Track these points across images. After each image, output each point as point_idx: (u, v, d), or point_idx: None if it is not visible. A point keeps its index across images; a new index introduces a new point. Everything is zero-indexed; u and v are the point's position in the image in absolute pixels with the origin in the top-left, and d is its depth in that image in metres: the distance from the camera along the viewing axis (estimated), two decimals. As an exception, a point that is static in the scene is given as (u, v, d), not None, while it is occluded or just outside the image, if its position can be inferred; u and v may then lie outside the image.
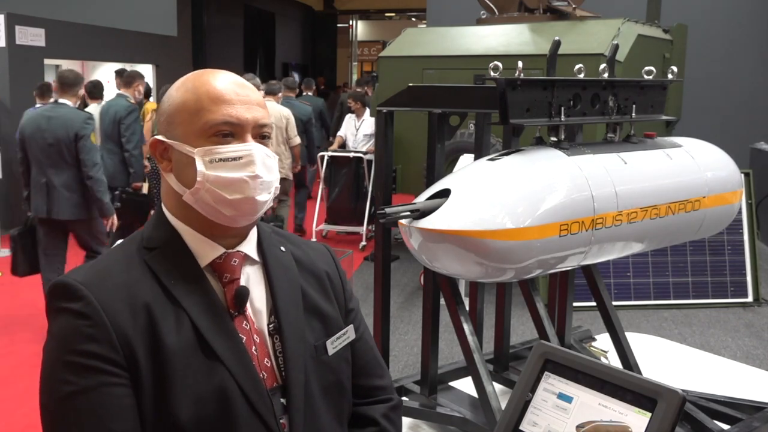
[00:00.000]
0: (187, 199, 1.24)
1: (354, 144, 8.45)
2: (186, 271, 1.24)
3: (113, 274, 1.20)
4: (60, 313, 1.17)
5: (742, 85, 10.40)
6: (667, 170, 2.40)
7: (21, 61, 8.57)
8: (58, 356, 1.15)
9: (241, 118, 1.23)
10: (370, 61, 25.26)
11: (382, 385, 1.46)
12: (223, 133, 1.22)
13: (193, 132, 1.22)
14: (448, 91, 2.42)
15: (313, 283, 1.39)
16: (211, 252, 1.26)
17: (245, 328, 1.26)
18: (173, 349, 1.17)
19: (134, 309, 1.17)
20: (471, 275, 2.12)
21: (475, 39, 6.78)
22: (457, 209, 1.96)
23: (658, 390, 1.22)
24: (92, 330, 1.14)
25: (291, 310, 1.31)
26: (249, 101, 1.25)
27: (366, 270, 6.84)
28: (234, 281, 1.27)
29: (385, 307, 2.59)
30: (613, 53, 2.51)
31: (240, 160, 1.22)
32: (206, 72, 1.28)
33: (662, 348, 3.43)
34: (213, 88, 1.24)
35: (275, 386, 1.26)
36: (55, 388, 1.14)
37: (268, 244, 1.36)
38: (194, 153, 1.22)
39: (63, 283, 1.18)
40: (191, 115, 1.23)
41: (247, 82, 1.30)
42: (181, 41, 13.64)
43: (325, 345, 1.33)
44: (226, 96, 1.23)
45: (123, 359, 1.14)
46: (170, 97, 1.27)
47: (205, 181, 1.21)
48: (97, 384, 1.13)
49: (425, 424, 2.54)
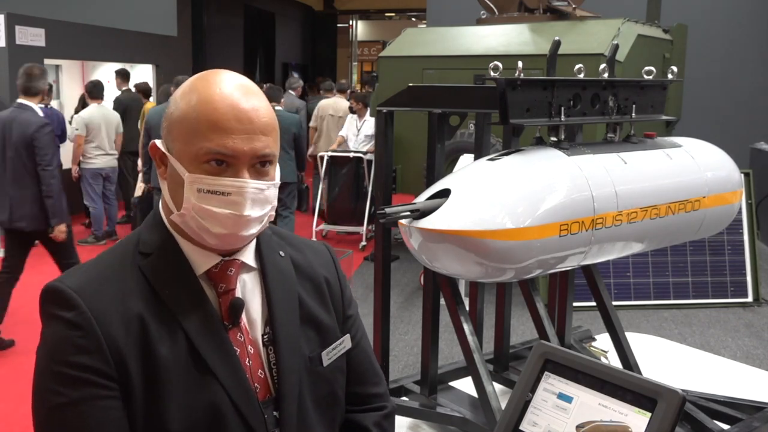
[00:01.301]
0: (174, 219, 1.22)
1: (355, 144, 8.45)
2: (181, 280, 1.21)
3: (107, 282, 1.18)
4: (52, 320, 1.15)
5: (742, 85, 10.40)
6: (667, 170, 2.40)
7: (21, 61, 8.51)
8: (49, 365, 1.13)
9: (237, 149, 1.15)
10: (370, 61, 25.25)
11: (377, 392, 1.44)
12: (217, 160, 1.16)
13: (187, 154, 1.17)
14: (448, 91, 2.42)
15: (311, 290, 1.36)
16: (207, 260, 1.23)
17: (239, 340, 1.24)
18: (166, 361, 1.15)
19: (127, 320, 1.15)
20: (471, 275, 2.12)
21: (475, 39, 6.78)
22: (457, 209, 1.96)
23: (658, 390, 1.22)
24: (84, 341, 1.12)
25: (287, 320, 1.28)
26: (251, 129, 1.17)
27: (366, 270, 6.84)
28: (229, 292, 1.24)
29: (385, 307, 2.59)
30: (613, 53, 2.51)
31: (229, 196, 1.16)
32: (214, 83, 1.19)
33: (662, 348, 3.43)
34: (213, 111, 1.16)
35: (268, 398, 1.24)
36: (46, 398, 1.13)
37: (268, 249, 1.32)
38: (185, 177, 1.17)
39: (56, 289, 1.16)
40: (188, 135, 1.17)
41: (259, 95, 1.21)
42: (181, 41, 13.64)
43: (320, 356, 1.31)
44: (226, 124, 1.15)
45: (114, 371, 1.12)
46: (174, 104, 1.21)
47: (191, 208, 1.17)
48: (88, 396, 1.11)
49: (425, 424, 2.54)
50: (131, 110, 8.77)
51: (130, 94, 9.13)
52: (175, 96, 1.23)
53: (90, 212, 7.92)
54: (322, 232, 8.43)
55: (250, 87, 1.21)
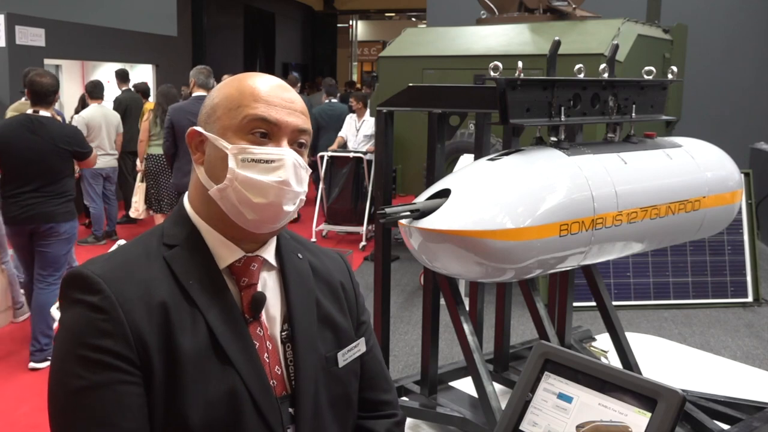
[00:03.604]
0: (212, 194, 1.23)
1: (354, 145, 8.46)
2: (204, 273, 1.23)
3: (132, 269, 1.19)
4: (75, 305, 1.15)
5: (742, 85, 10.40)
6: (667, 170, 2.40)
7: (21, 61, 8.56)
8: (71, 349, 1.13)
9: (280, 119, 1.23)
10: (370, 61, 25.27)
11: (388, 399, 1.46)
12: (260, 132, 1.22)
13: (231, 127, 1.22)
14: (448, 91, 2.42)
15: (328, 293, 1.38)
16: (231, 254, 1.25)
17: (259, 335, 1.25)
18: (187, 350, 1.16)
19: (151, 307, 1.16)
20: (471, 275, 2.12)
21: (475, 39, 6.78)
22: (457, 209, 1.96)
23: (658, 390, 1.22)
24: (107, 325, 1.12)
25: (305, 319, 1.30)
26: (292, 106, 1.25)
27: (366, 270, 6.83)
28: (251, 286, 1.26)
29: (385, 307, 2.59)
30: (613, 53, 2.51)
31: (272, 164, 1.21)
32: (255, 74, 1.29)
33: (662, 348, 3.43)
34: (258, 87, 1.24)
35: (284, 395, 1.25)
36: (66, 381, 1.13)
37: (287, 251, 1.35)
38: (228, 149, 1.21)
39: (81, 274, 1.16)
40: (231, 110, 1.23)
41: (294, 92, 1.30)
42: (181, 41, 13.64)
43: (336, 357, 1.33)
44: (269, 96, 1.24)
45: (136, 357, 1.13)
46: (215, 92, 1.28)
47: (234, 179, 1.20)
48: (109, 381, 1.11)
49: (425, 424, 2.54)
50: (132, 110, 8.77)
51: (131, 94, 9.13)
52: (213, 92, 1.29)
53: (90, 212, 7.91)
54: (322, 232, 8.43)
55: (286, 84, 1.30)
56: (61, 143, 4.55)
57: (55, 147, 4.52)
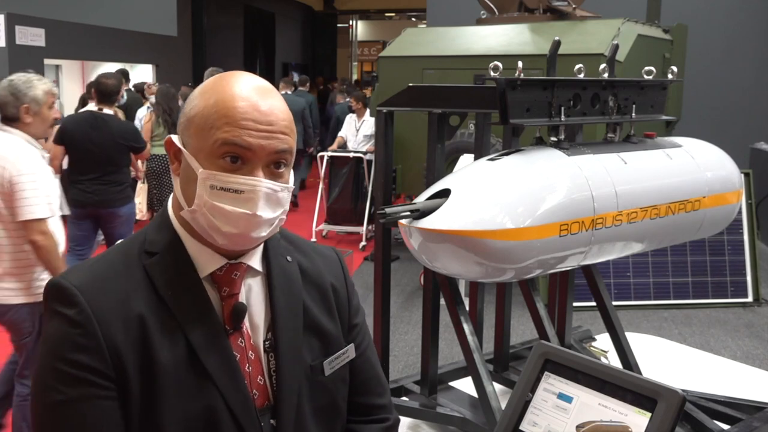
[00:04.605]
0: (184, 215, 1.20)
1: (354, 145, 8.46)
2: (184, 282, 1.20)
3: (111, 280, 1.17)
4: (54, 317, 1.15)
5: (742, 85, 10.39)
6: (667, 170, 2.40)
7: (21, 61, 8.56)
8: (49, 362, 1.13)
9: (254, 144, 1.14)
10: (370, 61, 25.25)
11: (381, 403, 1.42)
12: (232, 156, 1.15)
13: (202, 149, 1.16)
14: (448, 91, 2.42)
15: (317, 297, 1.34)
16: (212, 262, 1.22)
17: (240, 345, 1.22)
18: (165, 364, 1.14)
19: (128, 320, 1.14)
20: (471, 275, 2.12)
21: (475, 39, 6.77)
22: (457, 209, 1.96)
23: (658, 390, 1.22)
24: (83, 339, 1.11)
25: (289, 327, 1.26)
26: (269, 128, 1.16)
27: (366, 270, 6.83)
28: (233, 296, 1.22)
29: (385, 307, 2.59)
30: (613, 53, 2.51)
31: (242, 194, 1.15)
32: (233, 83, 1.19)
33: (662, 348, 3.43)
34: (232, 107, 1.15)
35: (266, 406, 1.23)
36: (45, 395, 1.13)
37: (275, 253, 1.30)
38: (198, 172, 1.16)
39: (59, 285, 1.15)
40: (204, 130, 1.16)
41: (277, 96, 1.21)
42: (181, 41, 13.65)
43: (322, 365, 1.29)
44: (246, 115, 1.15)
45: (112, 372, 1.12)
46: (194, 98, 1.21)
47: (202, 206, 1.16)
48: (85, 395, 1.11)
49: (425, 424, 2.54)
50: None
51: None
52: (193, 95, 1.22)
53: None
54: (322, 232, 8.43)
55: (269, 88, 1.21)
56: (119, 138, 5.06)
57: (114, 142, 5.03)
